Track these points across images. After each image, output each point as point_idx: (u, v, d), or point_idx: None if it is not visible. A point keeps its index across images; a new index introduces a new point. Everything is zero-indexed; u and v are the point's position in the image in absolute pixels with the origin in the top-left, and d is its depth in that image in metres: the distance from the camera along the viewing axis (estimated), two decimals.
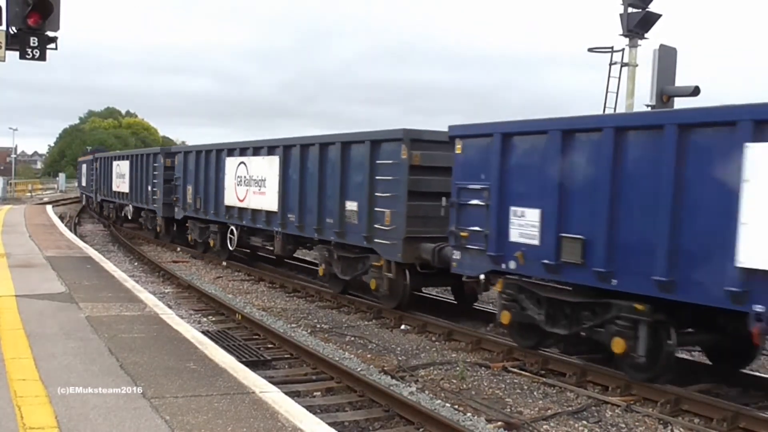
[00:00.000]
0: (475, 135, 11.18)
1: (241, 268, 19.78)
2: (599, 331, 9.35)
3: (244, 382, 6.69)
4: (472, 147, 11.19)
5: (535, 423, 7.96)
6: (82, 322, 8.94)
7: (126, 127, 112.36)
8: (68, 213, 38.51)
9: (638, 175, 8.72)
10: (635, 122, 9.20)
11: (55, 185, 78.15)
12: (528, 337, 10.62)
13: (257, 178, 18.15)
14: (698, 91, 15.12)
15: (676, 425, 8.04)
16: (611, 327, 9.09)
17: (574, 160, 9.49)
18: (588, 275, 9.20)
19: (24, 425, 5.31)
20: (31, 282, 11.91)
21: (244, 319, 12.56)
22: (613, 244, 8.90)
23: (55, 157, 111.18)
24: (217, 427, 5.47)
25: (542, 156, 9.88)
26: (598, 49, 18.93)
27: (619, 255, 8.86)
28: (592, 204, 9.15)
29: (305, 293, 16.14)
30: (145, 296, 11.19)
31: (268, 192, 17.57)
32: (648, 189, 8.59)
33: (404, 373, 9.79)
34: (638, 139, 8.81)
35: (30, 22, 11.56)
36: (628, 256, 8.77)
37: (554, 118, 9.83)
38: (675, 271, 8.26)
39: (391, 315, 13.44)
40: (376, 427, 7.66)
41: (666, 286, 8.33)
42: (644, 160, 8.69)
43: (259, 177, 18.02)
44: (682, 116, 8.52)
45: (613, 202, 8.90)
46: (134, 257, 22.25)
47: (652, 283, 8.45)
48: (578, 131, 9.48)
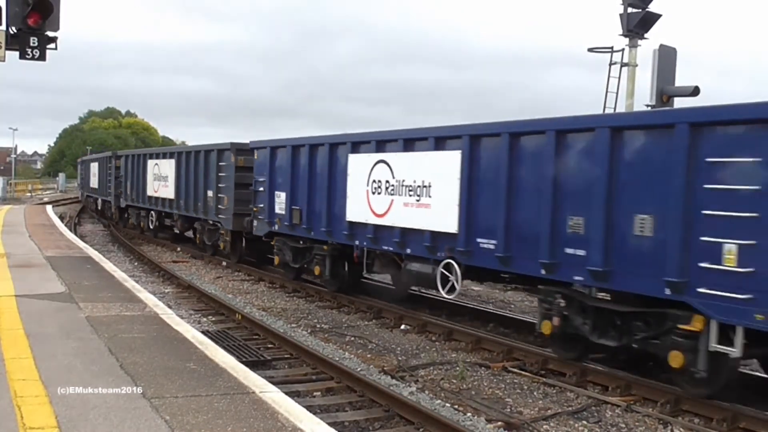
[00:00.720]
0: (260, 147, 17.78)
1: (241, 268, 19.77)
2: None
3: (244, 382, 6.68)
4: (261, 154, 17.73)
5: (535, 423, 7.96)
6: (82, 322, 8.94)
7: (126, 127, 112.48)
8: (68, 213, 38.51)
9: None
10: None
11: (55, 185, 78.14)
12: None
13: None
14: (698, 91, 15.11)
15: (676, 425, 8.04)
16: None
17: (301, 162, 15.81)
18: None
19: (24, 425, 5.30)
20: (31, 282, 11.90)
21: (244, 319, 12.56)
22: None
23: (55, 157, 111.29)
24: (217, 427, 5.47)
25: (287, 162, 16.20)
26: (598, 49, 18.94)
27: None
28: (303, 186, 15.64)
29: (305, 293, 16.14)
30: (145, 296, 11.19)
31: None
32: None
33: (404, 373, 9.79)
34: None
35: (30, 22, 11.56)
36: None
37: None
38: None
39: (391, 315, 13.46)
40: (376, 427, 7.66)
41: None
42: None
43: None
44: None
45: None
46: (134, 257, 22.25)
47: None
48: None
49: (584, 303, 9.59)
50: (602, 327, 9.37)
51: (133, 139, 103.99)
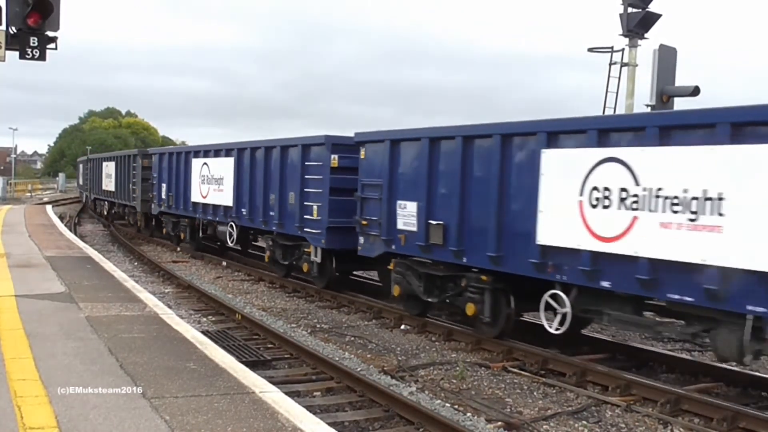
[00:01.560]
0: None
1: (241, 268, 19.76)
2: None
3: (244, 382, 6.68)
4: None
5: (535, 423, 7.96)
6: (82, 322, 8.94)
7: (126, 127, 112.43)
8: (68, 213, 38.51)
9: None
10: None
11: (55, 185, 78.13)
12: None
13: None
14: (698, 91, 15.11)
15: (676, 425, 8.04)
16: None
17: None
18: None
19: (24, 425, 5.30)
20: (31, 282, 11.90)
21: (244, 319, 12.56)
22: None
23: (55, 157, 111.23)
24: (217, 427, 5.47)
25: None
26: (598, 49, 18.95)
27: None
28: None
29: (305, 293, 16.13)
30: (145, 296, 11.19)
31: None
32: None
33: (404, 373, 9.78)
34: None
35: (30, 22, 11.55)
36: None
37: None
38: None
39: (390, 315, 13.46)
40: (376, 427, 7.65)
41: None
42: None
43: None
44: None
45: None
46: (134, 257, 22.25)
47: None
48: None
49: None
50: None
51: (133, 139, 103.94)
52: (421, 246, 12.12)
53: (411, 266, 12.71)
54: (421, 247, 12.13)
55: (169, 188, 24.34)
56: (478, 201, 11.04)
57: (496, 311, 11.11)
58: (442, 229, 11.64)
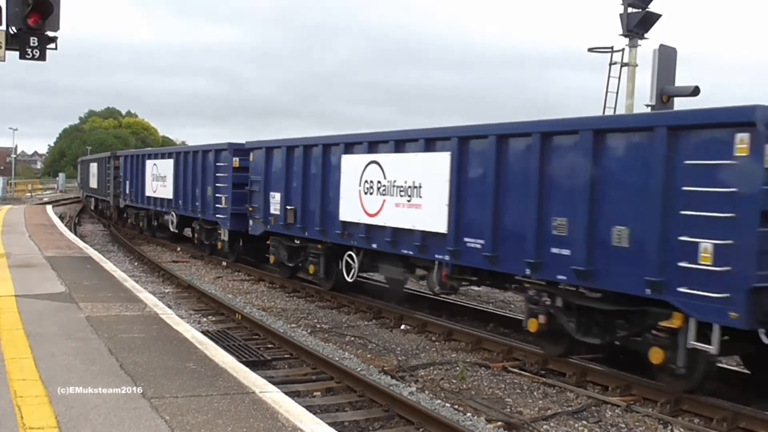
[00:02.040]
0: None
1: (241, 268, 19.77)
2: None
3: (244, 382, 6.68)
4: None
5: (535, 423, 7.96)
6: (82, 322, 8.94)
7: (126, 127, 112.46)
8: (68, 213, 38.52)
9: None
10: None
11: (55, 185, 78.15)
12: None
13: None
14: (698, 91, 15.09)
15: (676, 425, 8.04)
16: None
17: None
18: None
19: (24, 425, 5.30)
20: (31, 282, 11.91)
21: (244, 319, 12.56)
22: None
23: (55, 157, 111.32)
24: (217, 427, 5.47)
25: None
26: (598, 49, 18.93)
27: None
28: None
29: (305, 293, 16.14)
30: (145, 296, 11.19)
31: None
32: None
33: (404, 373, 9.78)
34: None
35: (30, 22, 11.55)
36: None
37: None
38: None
39: (391, 315, 13.47)
40: (376, 427, 7.65)
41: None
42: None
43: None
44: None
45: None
46: (134, 257, 22.25)
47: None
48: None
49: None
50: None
51: (133, 139, 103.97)
52: (283, 224, 16.41)
53: (280, 241, 17.04)
54: (283, 225, 16.39)
55: (131, 185, 29.00)
56: (312, 191, 15.27)
57: (329, 270, 15.37)
58: (294, 212, 15.93)
